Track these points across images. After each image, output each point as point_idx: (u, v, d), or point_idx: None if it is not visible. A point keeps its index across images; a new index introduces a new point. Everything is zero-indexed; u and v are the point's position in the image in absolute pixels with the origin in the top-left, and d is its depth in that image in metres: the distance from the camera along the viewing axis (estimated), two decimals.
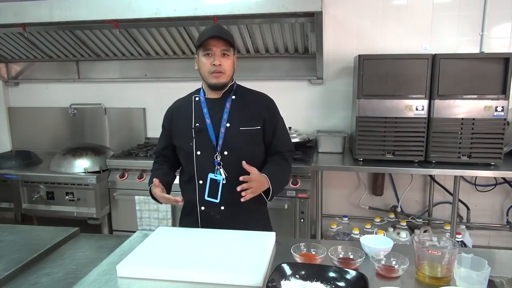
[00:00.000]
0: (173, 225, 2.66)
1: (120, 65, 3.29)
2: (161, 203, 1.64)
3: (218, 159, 1.61)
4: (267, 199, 1.65)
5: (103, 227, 2.82)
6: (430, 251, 1.15)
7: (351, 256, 1.28)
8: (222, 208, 1.63)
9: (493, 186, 2.89)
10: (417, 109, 2.40)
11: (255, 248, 1.34)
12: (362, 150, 2.51)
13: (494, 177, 2.84)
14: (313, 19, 2.37)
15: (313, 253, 1.30)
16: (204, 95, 1.69)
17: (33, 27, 2.78)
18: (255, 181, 1.52)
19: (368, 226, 2.72)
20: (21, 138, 3.50)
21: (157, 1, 2.37)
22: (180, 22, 2.63)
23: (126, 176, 2.74)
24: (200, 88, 1.72)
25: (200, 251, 1.32)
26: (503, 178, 2.82)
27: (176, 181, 1.78)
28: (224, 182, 1.60)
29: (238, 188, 1.49)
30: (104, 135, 3.37)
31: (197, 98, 1.70)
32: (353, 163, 2.53)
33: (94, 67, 3.34)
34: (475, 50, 2.77)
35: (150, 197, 2.62)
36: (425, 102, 2.39)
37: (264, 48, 2.88)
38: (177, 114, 1.74)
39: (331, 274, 1.13)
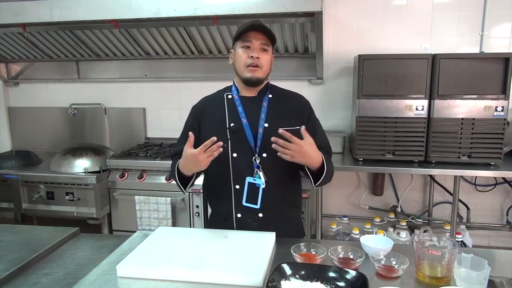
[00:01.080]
0: (173, 225, 2.67)
1: (120, 65, 3.29)
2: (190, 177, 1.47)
3: (257, 161, 1.49)
4: (314, 183, 1.50)
5: (103, 227, 2.82)
6: (430, 251, 1.15)
7: (351, 256, 1.28)
8: (260, 215, 1.51)
9: (493, 186, 2.89)
10: (417, 109, 2.40)
11: (255, 248, 1.34)
12: (362, 150, 2.51)
13: (494, 177, 2.84)
14: (313, 19, 2.37)
15: (313, 253, 1.30)
16: (238, 92, 1.58)
17: (33, 27, 2.78)
18: (303, 146, 1.34)
19: (368, 226, 2.72)
20: (21, 138, 3.50)
21: (157, 1, 2.37)
22: (180, 22, 2.63)
23: (126, 176, 2.74)
24: (231, 86, 1.62)
25: (200, 251, 1.32)
26: (503, 178, 2.82)
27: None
28: (264, 186, 1.46)
29: (273, 139, 1.33)
30: (104, 135, 3.37)
31: (229, 96, 1.59)
32: (353, 163, 2.52)
33: (94, 67, 3.34)
34: (475, 50, 2.77)
35: (149, 197, 2.59)
36: (425, 102, 2.39)
37: None
38: (207, 112, 1.60)
39: (331, 274, 1.13)
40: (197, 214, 2.66)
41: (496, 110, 2.33)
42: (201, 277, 1.17)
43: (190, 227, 2.67)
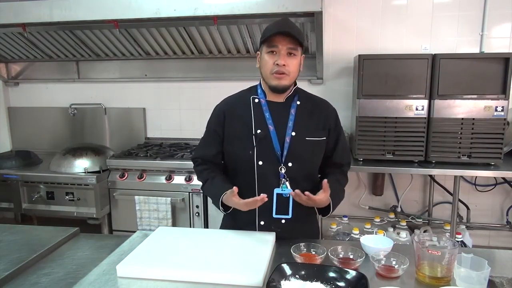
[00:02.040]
0: (173, 225, 2.67)
1: (120, 65, 3.29)
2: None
3: (283, 171, 1.45)
4: (322, 215, 1.53)
5: (103, 227, 2.82)
6: (430, 251, 1.15)
7: (351, 256, 1.28)
8: (283, 221, 1.49)
9: (493, 186, 2.89)
10: (417, 109, 2.40)
11: (255, 248, 1.34)
12: (362, 150, 2.51)
13: (494, 177, 2.83)
14: (313, 19, 2.37)
15: (313, 253, 1.30)
16: (265, 96, 1.52)
17: (33, 27, 2.78)
18: (316, 202, 1.39)
19: (368, 226, 2.72)
20: (21, 138, 3.50)
21: (157, 1, 2.37)
22: (180, 22, 2.63)
23: (126, 176, 2.74)
24: (257, 88, 1.55)
25: (200, 251, 1.32)
26: (503, 178, 2.82)
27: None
28: (289, 196, 1.42)
29: (303, 195, 1.35)
30: (104, 135, 3.37)
31: (256, 100, 1.52)
32: (353, 163, 2.51)
33: (94, 67, 3.34)
34: (475, 50, 2.77)
35: (149, 197, 2.60)
36: (425, 102, 2.39)
37: None
38: (232, 116, 1.53)
39: (331, 274, 1.13)
40: (197, 214, 2.66)
41: (496, 110, 2.33)
42: (201, 277, 1.17)
43: (190, 227, 2.67)
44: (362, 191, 3.08)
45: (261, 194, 1.34)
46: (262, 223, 1.51)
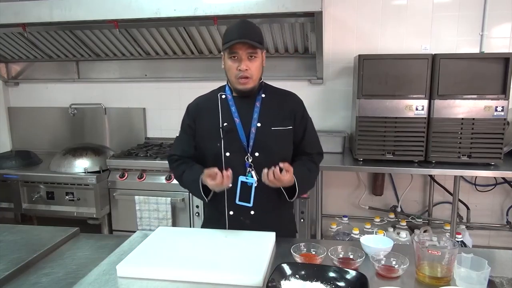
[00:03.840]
0: (173, 225, 2.67)
1: (120, 65, 3.29)
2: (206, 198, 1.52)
3: (250, 160, 1.52)
4: (289, 198, 1.56)
5: (103, 227, 2.82)
6: (430, 251, 1.15)
7: (351, 256, 1.28)
8: (252, 212, 1.55)
9: (493, 186, 2.89)
10: (417, 109, 2.40)
11: (255, 248, 1.34)
12: (362, 150, 2.51)
13: (494, 177, 2.83)
14: (313, 19, 2.38)
15: (313, 253, 1.30)
16: (231, 93, 1.60)
17: (33, 27, 2.78)
18: (282, 181, 1.42)
19: (368, 226, 2.72)
20: (21, 138, 3.50)
21: (157, 1, 2.37)
22: (180, 22, 2.64)
23: (126, 176, 2.74)
24: (225, 86, 1.63)
25: (200, 251, 1.32)
26: (503, 178, 2.82)
27: None
28: (256, 184, 1.48)
29: (265, 170, 1.39)
30: (104, 135, 3.37)
31: (223, 96, 1.60)
32: (353, 163, 2.52)
33: (94, 67, 3.34)
34: (475, 50, 2.77)
35: (149, 197, 2.61)
36: (425, 102, 2.39)
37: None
38: (202, 112, 1.62)
39: (331, 274, 1.13)
40: (197, 214, 2.66)
41: (496, 110, 2.33)
42: (201, 277, 1.17)
43: (190, 227, 2.67)
44: (362, 191, 3.08)
45: (226, 170, 1.41)
46: (231, 213, 1.57)
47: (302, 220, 2.51)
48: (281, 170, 1.40)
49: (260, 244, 1.36)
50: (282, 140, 1.58)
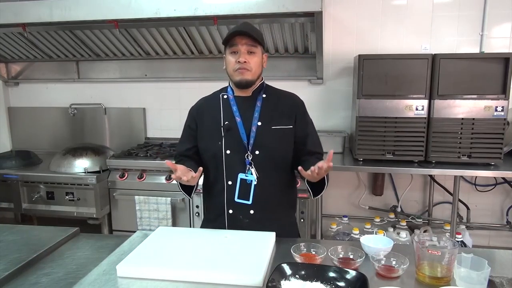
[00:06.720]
0: (173, 225, 2.67)
1: (120, 65, 3.29)
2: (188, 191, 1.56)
3: (249, 158, 1.53)
4: (313, 196, 1.58)
5: (103, 227, 2.82)
6: (430, 251, 1.15)
7: (351, 256, 1.28)
8: (252, 212, 1.55)
9: (493, 186, 2.89)
10: (417, 109, 2.40)
11: (255, 248, 1.34)
12: (362, 150, 2.51)
13: (494, 177, 2.84)
14: (313, 19, 2.37)
15: (313, 253, 1.30)
16: (233, 93, 1.62)
17: (33, 27, 2.78)
18: (322, 169, 1.36)
19: (368, 226, 2.72)
20: (21, 138, 3.50)
21: (157, 1, 2.37)
22: (180, 22, 2.64)
23: (126, 176, 2.74)
24: (227, 87, 1.66)
25: (200, 251, 1.32)
26: (503, 178, 2.82)
27: (200, 181, 1.63)
28: (256, 182, 1.51)
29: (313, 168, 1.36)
30: (104, 135, 3.37)
31: (225, 96, 1.63)
32: (353, 163, 2.52)
33: (94, 67, 3.34)
34: (475, 50, 2.77)
35: (149, 197, 2.63)
36: (425, 102, 2.39)
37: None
38: (204, 112, 1.65)
39: (331, 274, 1.13)
40: (197, 214, 2.66)
41: (496, 110, 2.33)
42: (201, 277, 1.17)
43: (190, 227, 2.67)
44: (362, 191, 3.08)
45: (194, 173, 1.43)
46: (230, 211, 1.57)
47: (302, 220, 2.51)
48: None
49: (260, 244, 1.36)
50: (282, 138, 1.59)
